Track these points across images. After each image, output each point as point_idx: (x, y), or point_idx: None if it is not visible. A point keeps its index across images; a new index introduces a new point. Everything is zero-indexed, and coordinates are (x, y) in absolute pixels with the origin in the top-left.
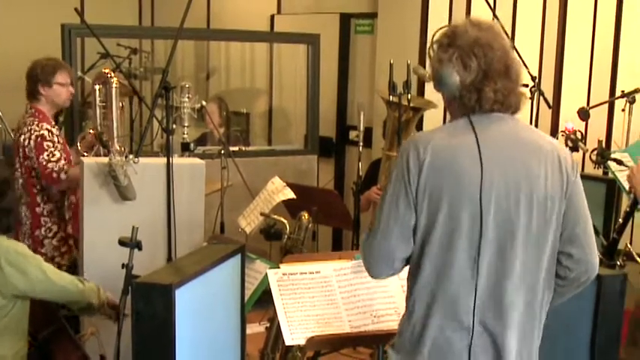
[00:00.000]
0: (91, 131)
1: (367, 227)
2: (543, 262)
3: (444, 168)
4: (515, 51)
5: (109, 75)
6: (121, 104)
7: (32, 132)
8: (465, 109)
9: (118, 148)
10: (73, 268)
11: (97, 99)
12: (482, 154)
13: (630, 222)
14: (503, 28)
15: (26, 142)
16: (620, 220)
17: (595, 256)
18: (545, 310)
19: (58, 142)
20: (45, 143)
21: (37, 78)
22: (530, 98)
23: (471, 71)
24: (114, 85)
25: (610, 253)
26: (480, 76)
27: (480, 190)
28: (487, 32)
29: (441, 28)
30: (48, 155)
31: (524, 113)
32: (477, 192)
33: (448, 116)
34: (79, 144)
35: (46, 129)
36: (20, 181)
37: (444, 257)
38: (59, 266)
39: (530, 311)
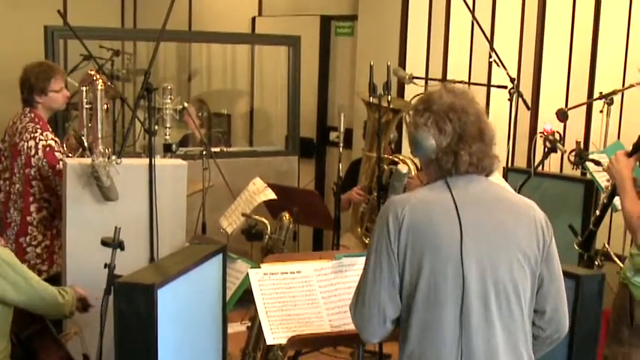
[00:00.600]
0: (73, 132)
1: (347, 229)
2: (524, 320)
3: (422, 227)
4: (494, 53)
5: (94, 77)
6: (105, 106)
7: (38, 141)
8: (441, 172)
9: (102, 149)
10: (56, 279)
11: (84, 100)
12: (460, 213)
13: (609, 220)
14: (482, 29)
15: (32, 152)
16: (598, 212)
17: (566, 317)
18: None
19: (63, 150)
20: (56, 153)
21: (32, 88)
22: (509, 100)
23: (446, 135)
24: (99, 87)
25: (587, 244)
26: (455, 140)
27: (461, 248)
28: (461, 98)
29: (418, 95)
30: (61, 164)
31: (502, 115)
32: (458, 251)
33: None
34: (64, 146)
35: (52, 139)
36: (17, 185)
37: (429, 316)
38: (39, 273)
39: None
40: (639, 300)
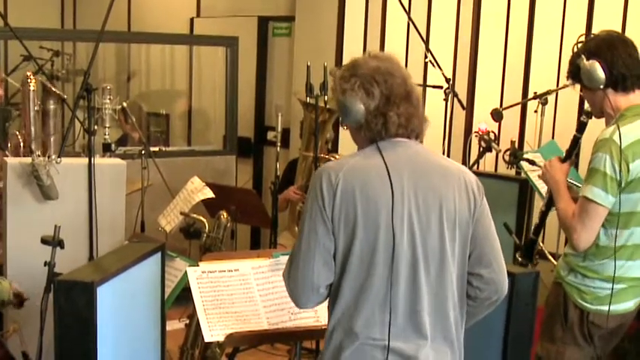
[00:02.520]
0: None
1: (285, 227)
2: (455, 283)
3: (356, 193)
4: (430, 53)
5: (28, 78)
6: (53, 106)
7: None
8: (371, 135)
9: (33, 148)
10: None
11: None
12: (391, 178)
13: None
14: (417, 30)
15: None
16: (537, 220)
17: (505, 276)
18: (461, 329)
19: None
20: None
21: None
22: (445, 100)
23: (374, 97)
24: (31, 88)
25: (529, 254)
26: (383, 101)
27: (392, 213)
28: (386, 62)
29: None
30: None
31: (438, 115)
32: (390, 215)
33: None
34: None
35: None
36: None
37: (361, 280)
38: None
39: (445, 332)
40: (573, 299)
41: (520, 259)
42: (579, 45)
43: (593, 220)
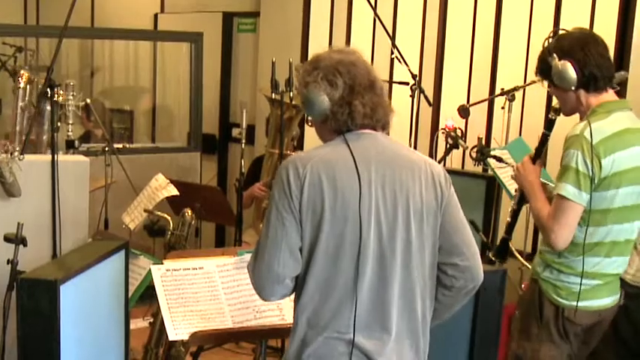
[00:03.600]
0: None
1: (249, 225)
2: (423, 275)
3: (324, 184)
4: (396, 49)
5: (19, 75)
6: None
7: None
8: (337, 125)
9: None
10: None
11: None
12: (359, 170)
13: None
14: (384, 26)
15: None
16: (509, 219)
17: (479, 263)
18: (428, 322)
19: None
20: None
21: None
22: (411, 96)
23: (337, 87)
24: (21, 85)
25: (501, 253)
26: (347, 91)
27: (359, 205)
28: (349, 54)
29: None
30: None
31: (404, 111)
32: (357, 207)
33: None
34: None
35: None
36: None
37: (327, 273)
38: None
39: (412, 326)
40: (548, 295)
41: (493, 258)
42: (550, 40)
43: (569, 218)
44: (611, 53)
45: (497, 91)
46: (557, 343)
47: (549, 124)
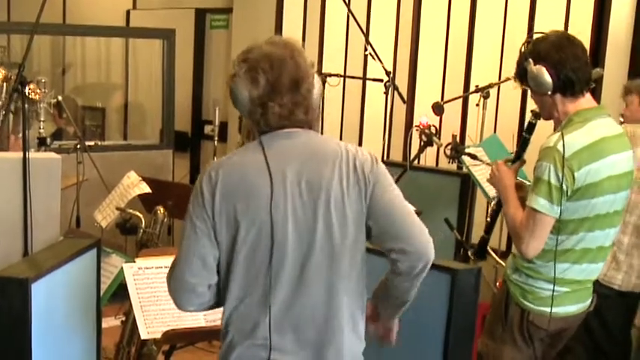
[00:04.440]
0: None
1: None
2: (351, 267)
3: (235, 189)
4: (370, 46)
5: None
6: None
7: None
8: (255, 126)
9: None
10: None
11: None
12: (271, 169)
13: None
14: (357, 22)
15: None
16: (488, 219)
17: (423, 243)
18: (362, 318)
19: None
20: None
21: None
22: (385, 93)
23: (258, 86)
24: None
25: (481, 253)
26: (267, 91)
27: (270, 205)
28: (282, 49)
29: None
30: None
31: (378, 108)
32: (269, 209)
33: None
34: None
35: None
36: None
37: (248, 279)
38: None
39: (342, 321)
40: (515, 298)
41: (472, 257)
42: (528, 44)
43: (540, 230)
44: (587, 50)
45: (472, 88)
46: (520, 346)
47: (529, 128)
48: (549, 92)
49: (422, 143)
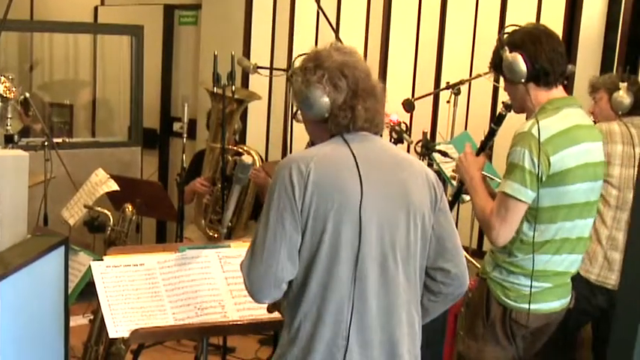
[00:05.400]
0: None
1: (191, 221)
2: (419, 277)
3: (327, 184)
4: (340, 42)
5: None
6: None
7: None
8: (337, 129)
9: None
10: None
11: None
12: (360, 170)
13: (456, 213)
14: (327, 19)
15: None
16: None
17: (467, 271)
18: (420, 326)
19: None
20: None
21: None
22: None
23: (341, 91)
24: None
25: None
26: (350, 95)
27: (360, 206)
28: (351, 56)
29: (302, 55)
30: None
31: None
32: (358, 208)
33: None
34: None
35: None
36: None
37: (329, 276)
38: None
39: (410, 328)
40: (496, 296)
41: None
42: (505, 35)
43: (512, 216)
44: (563, 43)
45: (443, 84)
46: (503, 344)
47: (498, 119)
48: (523, 80)
49: (392, 140)
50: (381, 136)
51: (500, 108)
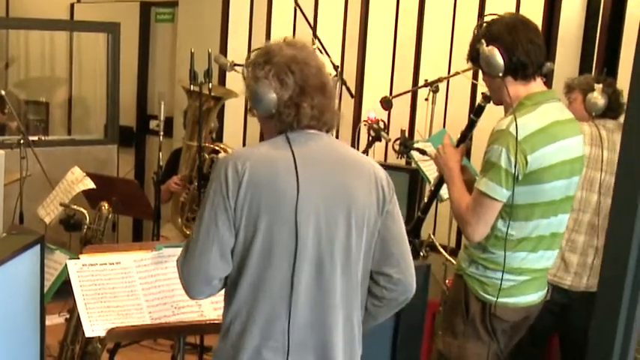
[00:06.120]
0: None
1: (168, 219)
2: (360, 280)
3: (262, 184)
4: (317, 40)
5: None
6: None
7: None
8: (282, 126)
9: None
10: None
11: None
12: (298, 171)
13: (434, 211)
14: (305, 16)
15: None
16: (425, 199)
17: (413, 277)
18: (360, 330)
19: None
20: None
21: None
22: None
23: (287, 87)
24: None
25: (415, 231)
26: (297, 92)
27: (296, 207)
28: (302, 51)
29: (256, 49)
30: None
31: None
32: (294, 210)
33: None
34: None
35: None
36: None
37: (261, 276)
38: None
39: (348, 332)
40: (475, 291)
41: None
42: (482, 26)
43: (488, 214)
44: (541, 34)
45: (421, 82)
46: (484, 340)
47: (478, 110)
48: (500, 74)
49: (370, 138)
50: (329, 131)
51: (479, 99)
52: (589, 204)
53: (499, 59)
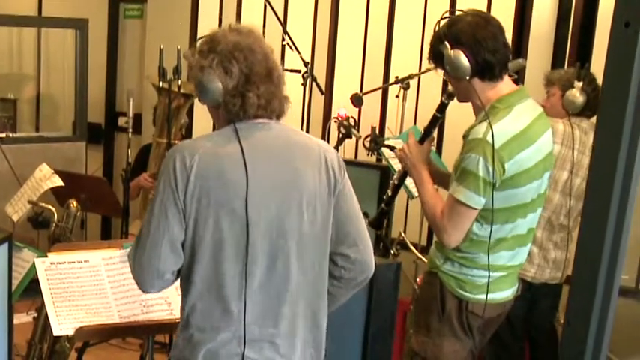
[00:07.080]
0: None
1: (136, 217)
2: (320, 266)
3: (211, 178)
4: (287, 36)
5: None
6: None
7: None
8: (230, 116)
9: None
10: None
11: None
12: (247, 162)
13: (405, 209)
14: (275, 12)
15: None
16: (389, 192)
17: (371, 256)
18: (325, 315)
19: None
20: None
21: None
22: (303, 84)
23: (232, 76)
24: None
25: (378, 223)
26: (242, 81)
27: (246, 200)
28: (247, 37)
29: (201, 38)
30: None
31: (296, 100)
32: (244, 202)
33: None
34: None
35: None
36: None
37: (213, 269)
38: None
39: (309, 320)
40: (451, 288)
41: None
42: (442, 23)
43: (464, 222)
44: (509, 41)
45: (392, 79)
46: (460, 337)
47: (441, 108)
48: (467, 77)
49: (340, 135)
50: (279, 118)
51: (442, 96)
52: (550, 202)
53: (465, 62)
